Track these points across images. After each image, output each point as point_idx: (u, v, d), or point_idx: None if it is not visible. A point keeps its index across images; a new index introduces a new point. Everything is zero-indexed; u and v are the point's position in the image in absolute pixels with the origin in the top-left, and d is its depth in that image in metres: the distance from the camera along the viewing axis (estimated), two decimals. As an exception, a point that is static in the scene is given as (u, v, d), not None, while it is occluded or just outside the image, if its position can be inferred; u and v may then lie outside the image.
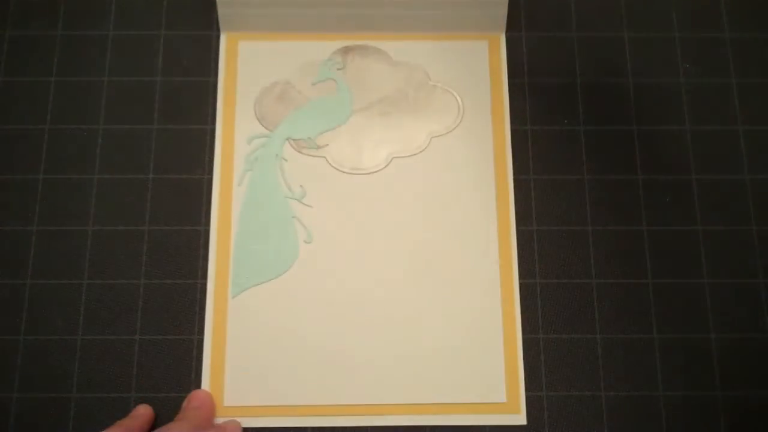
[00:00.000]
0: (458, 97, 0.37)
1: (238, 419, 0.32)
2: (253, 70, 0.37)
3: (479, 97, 0.37)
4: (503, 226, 0.35)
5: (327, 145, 0.36)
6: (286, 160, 0.36)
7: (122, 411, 0.32)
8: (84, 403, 0.33)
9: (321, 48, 0.38)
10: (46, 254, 0.35)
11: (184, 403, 0.32)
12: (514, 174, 0.36)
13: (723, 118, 0.37)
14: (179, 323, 0.34)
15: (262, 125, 0.37)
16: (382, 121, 0.37)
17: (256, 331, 0.34)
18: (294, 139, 0.36)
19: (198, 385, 0.33)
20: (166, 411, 0.33)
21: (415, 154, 0.36)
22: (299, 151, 0.36)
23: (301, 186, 0.36)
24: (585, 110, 0.37)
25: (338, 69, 0.37)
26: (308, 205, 0.35)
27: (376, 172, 0.36)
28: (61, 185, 0.36)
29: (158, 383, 0.33)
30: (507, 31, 0.38)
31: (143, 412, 0.32)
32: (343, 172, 0.36)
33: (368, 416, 0.33)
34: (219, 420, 0.33)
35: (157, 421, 0.32)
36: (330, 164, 0.36)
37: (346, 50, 0.38)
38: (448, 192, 0.36)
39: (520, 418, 0.33)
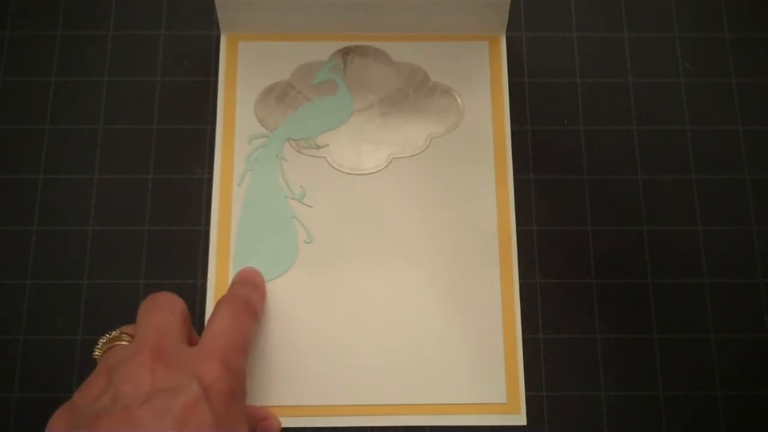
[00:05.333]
0: (458, 97, 0.37)
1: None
2: (253, 71, 0.37)
3: (479, 97, 0.37)
4: (503, 226, 0.35)
5: (327, 145, 0.36)
6: (286, 160, 0.36)
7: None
8: (84, 403, 0.33)
9: (321, 48, 0.38)
10: (46, 254, 0.35)
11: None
12: (514, 174, 0.36)
13: (723, 118, 0.37)
14: (179, 323, 0.34)
15: (262, 125, 0.37)
16: (382, 121, 0.37)
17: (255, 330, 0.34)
18: (294, 140, 0.36)
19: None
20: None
21: (415, 155, 0.36)
22: (299, 152, 0.36)
23: (301, 186, 0.36)
24: (585, 110, 0.37)
25: (338, 69, 0.37)
26: (308, 206, 0.35)
27: (376, 172, 0.36)
28: (61, 185, 0.36)
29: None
30: (507, 31, 0.38)
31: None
32: (344, 172, 0.36)
33: (368, 416, 0.33)
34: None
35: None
36: (330, 164, 0.36)
37: (346, 51, 0.38)
38: (448, 192, 0.36)
39: (520, 419, 0.33)
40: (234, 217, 0.35)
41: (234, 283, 0.33)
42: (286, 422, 0.32)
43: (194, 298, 0.34)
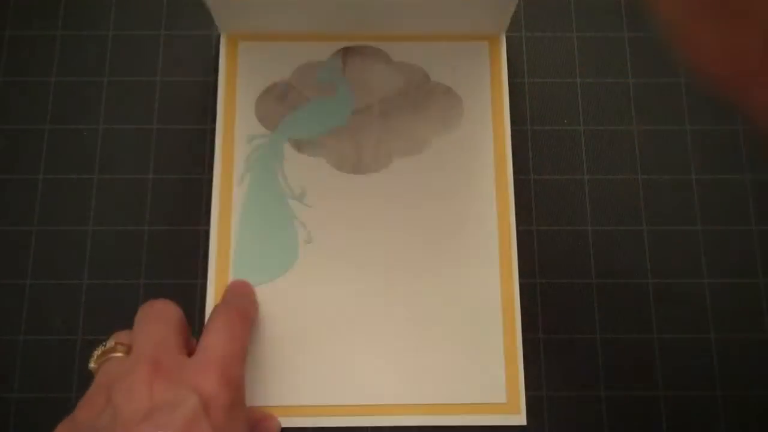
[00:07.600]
0: (458, 98, 0.37)
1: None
2: (253, 71, 0.37)
3: (479, 97, 0.37)
4: (503, 226, 0.35)
5: (327, 145, 0.36)
6: (286, 160, 0.36)
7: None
8: (84, 403, 0.33)
9: (321, 49, 0.38)
10: (46, 254, 0.35)
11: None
12: (514, 174, 0.36)
13: (722, 118, 0.37)
14: (179, 323, 0.34)
15: (262, 125, 0.37)
16: (382, 121, 0.37)
17: (255, 331, 0.34)
18: (294, 140, 0.36)
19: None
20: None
21: (415, 155, 0.36)
22: (299, 151, 0.36)
23: (301, 186, 0.36)
24: (585, 110, 0.37)
25: (338, 70, 0.37)
26: (308, 206, 0.35)
27: (376, 172, 0.36)
28: (61, 185, 0.36)
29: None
30: (507, 31, 0.38)
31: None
32: (343, 172, 0.36)
33: (368, 416, 0.33)
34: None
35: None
36: (330, 164, 0.36)
37: (346, 51, 0.38)
38: (448, 192, 0.36)
39: (520, 419, 0.33)
40: (234, 217, 0.35)
41: (225, 295, 0.33)
42: (286, 422, 0.32)
43: (194, 298, 0.34)
